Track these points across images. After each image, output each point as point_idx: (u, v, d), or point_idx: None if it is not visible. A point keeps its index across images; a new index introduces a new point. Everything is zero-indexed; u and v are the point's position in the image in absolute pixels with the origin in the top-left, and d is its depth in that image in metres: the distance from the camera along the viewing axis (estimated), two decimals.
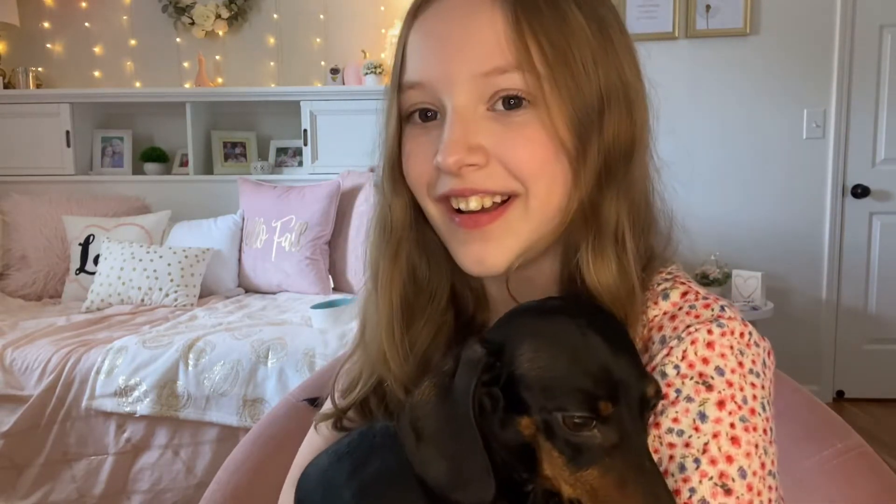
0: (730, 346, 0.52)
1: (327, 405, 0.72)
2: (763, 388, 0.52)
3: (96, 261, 2.80)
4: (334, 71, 3.27)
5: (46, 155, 3.22)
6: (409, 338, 0.63)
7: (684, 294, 0.56)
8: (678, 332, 0.53)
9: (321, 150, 3.17)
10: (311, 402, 0.99)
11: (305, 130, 3.15)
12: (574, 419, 0.45)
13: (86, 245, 2.88)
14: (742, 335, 0.53)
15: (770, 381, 0.54)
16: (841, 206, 3.11)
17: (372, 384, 0.66)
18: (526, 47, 0.53)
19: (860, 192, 3.07)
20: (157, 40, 3.40)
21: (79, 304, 2.68)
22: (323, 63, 3.35)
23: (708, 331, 0.52)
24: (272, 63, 3.39)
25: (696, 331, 0.52)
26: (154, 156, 3.32)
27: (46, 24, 3.40)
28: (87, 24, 3.40)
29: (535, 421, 0.47)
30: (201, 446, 1.97)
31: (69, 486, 1.98)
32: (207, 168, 3.36)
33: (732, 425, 0.49)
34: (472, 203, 0.57)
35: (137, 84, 3.43)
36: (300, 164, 3.31)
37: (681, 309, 0.55)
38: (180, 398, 1.95)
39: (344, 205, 2.90)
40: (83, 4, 3.39)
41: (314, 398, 0.99)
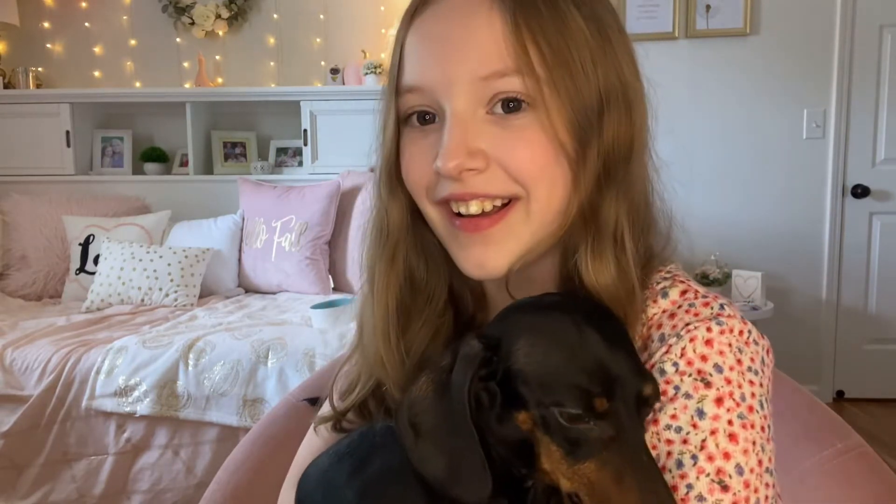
0: (728, 343, 0.52)
1: (326, 407, 0.72)
2: (761, 385, 0.52)
3: (96, 261, 2.80)
4: (334, 71, 3.27)
5: (46, 155, 3.22)
6: (407, 340, 0.63)
7: (683, 292, 0.56)
8: (677, 329, 0.53)
9: (321, 150, 3.17)
10: (311, 402, 0.99)
11: (305, 130, 3.15)
12: (570, 414, 0.46)
13: (86, 245, 2.88)
14: (741, 333, 0.53)
15: (768, 379, 0.54)
16: (841, 206, 3.11)
17: (370, 387, 0.66)
18: (525, 50, 0.53)
19: (860, 192, 3.07)
20: (157, 40, 3.40)
21: (79, 304, 2.68)
22: (323, 63, 3.35)
23: (707, 329, 0.52)
24: (272, 63, 3.39)
25: (695, 328, 0.52)
26: (154, 156, 3.32)
27: (46, 24, 3.40)
28: (87, 24, 3.40)
29: (532, 416, 0.47)
30: (201, 446, 1.97)
31: (69, 486, 1.98)
32: (207, 168, 3.36)
33: (730, 422, 0.49)
34: (472, 207, 0.56)
35: (137, 84, 3.43)
36: (300, 164, 3.31)
37: (680, 307, 0.55)
38: (180, 398, 1.95)
39: (344, 205, 2.90)
40: (83, 4, 3.39)
41: (314, 398, 0.99)
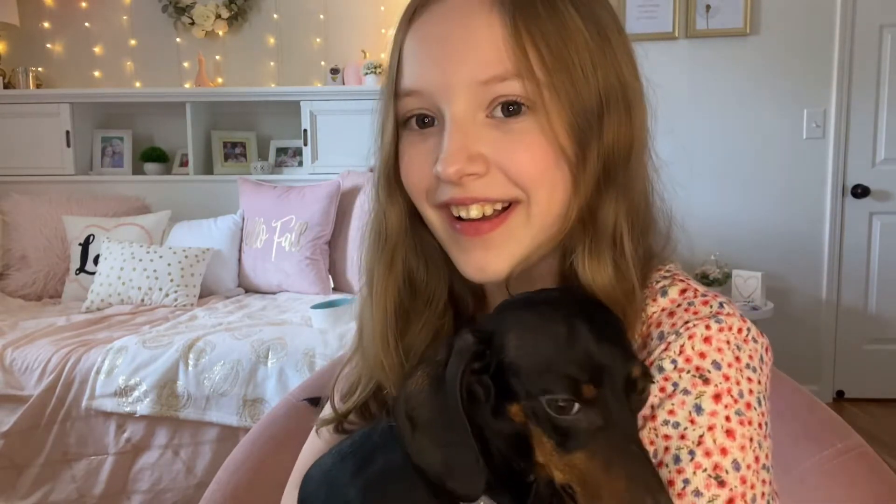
0: (727, 340, 0.52)
1: (327, 410, 0.72)
2: (759, 383, 0.52)
3: (96, 261, 2.80)
4: (334, 71, 3.27)
5: (46, 155, 3.22)
6: (406, 342, 0.63)
7: (683, 291, 0.56)
8: (676, 327, 0.53)
9: (321, 150, 3.17)
10: (311, 402, 0.99)
11: (305, 130, 3.15)
12: (558, 402, 0.46)
13: (86, 245, 2.88)
14: (740, 331, 0.53)
15: (767, 377, 0.54)
16: (841, 206, 3.11)
17: (371, 389, 0.66)
18: (525, 54, 0.52)
19: (860, 192, 3.07)
20: (157, 40, 3.40)
21: (79, 304, 2.68)
22: (323, 63, 3.35)
23: (706, 326, 0.52)
24: (272, 63, 3.39)
25: (694, 326, 0.52)
26: (154, 156, 3.32)
27: (46, 24, 3.40)
28: (87, 24, 3.40)
29: (523, 407, 0.48)
30: (201, 446, 1.97)
31: (69, 486, 1.98)
32: (207, 168, 3.36)
33: (728, 418, 0.49)
34: (472, 211, 0.56)
35: (137, 84, 3.43)
36: (300, 164, 3.31)
37: (679, 306, 0.55)
38: (180, 398, 1.95)
39: (344, 205, 2.90)
40: (83, 4, 3.39)
41: (315, 398, 0.99)
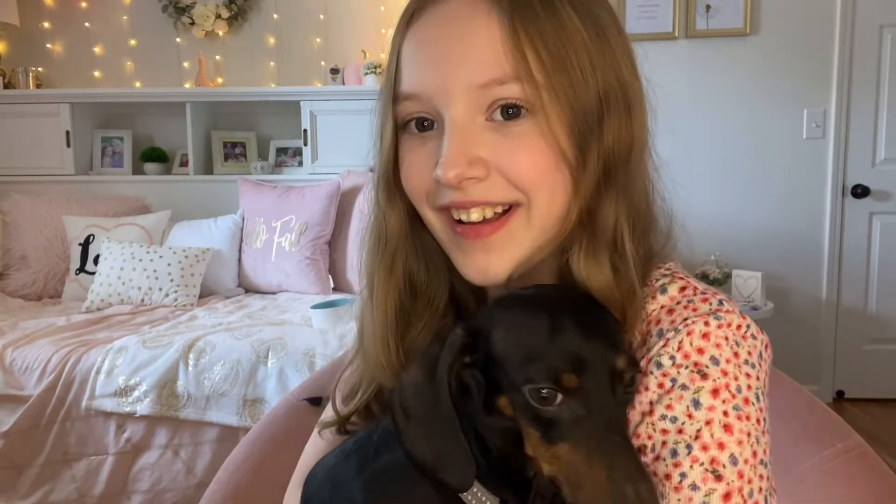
0: (725, 337, 0.52)
1: (328, 412, 0.72)
2: (758, 379, 0.52)
3: (96, 261, 2.80)
4: (334, 71, 3.27)
5: (46, 155, 3.22)
6: (408, 344, 0.63)
7: (682, 289, 0.56)
8: (675, 324, 0.53)
9: (321, 150, 3.17)
10: (311, 402, 0.99)
11: (305, 130, 3.15)
12: (540, 393, 0.46)
13: (86, 245, 2.88)
14: (739, 327, 0.53)
15: (765, 374, 0.54)
16: (841, 206, 3.11)
17: (372, 391, 0.67)
18: (524, 56, 0.52)
19: (860, 192, 3.07)
20: (157, 40, 3.40)
21: (79, 304, 2.68)
22: (323, 63, 3.35)
23: (705, 323, 0.52)
24: (272, 63, 3.39)
25: (692, 323, 0.52)
26: (154, 156, 3.32)
27: (46, 24, 3.40)
28: (87, 24, 3.40)
29: (510, 399, 0.48)
30: (201, 446, 1.97)
31: (69, 486, 1.98)
32: (207, 168, 3.36)
33: (725, 413, 0.49)
34: (473, 215, 0.56)
35: (137, 84, 3.43)
36: (300, 164, 3.31)
37: (678, 303, 0.55)
38: (180, 398, 1.95)
39: (344, 205, 2.90)
40: (83, 4, 3.39)
41: (316, 398, 0.99)
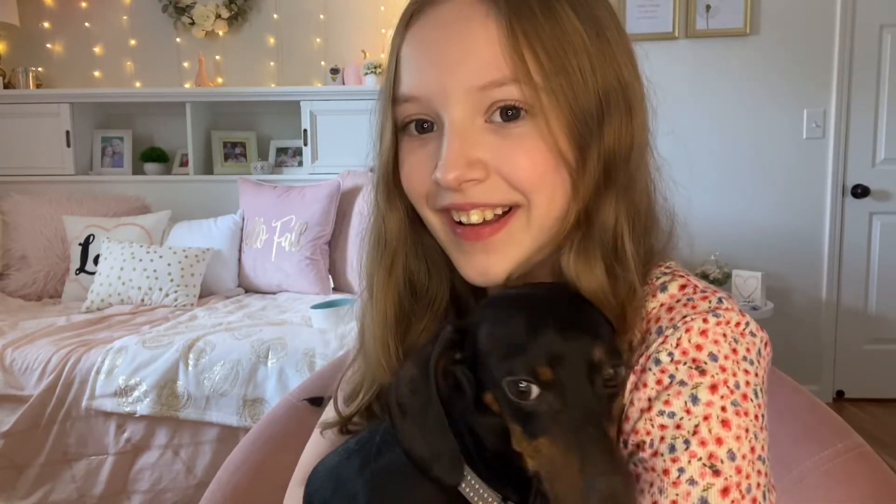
0: (723, 333, 0.52)
1: (329, 412, 0.72)
2: (756, 375, 0.52)
3: (96, 261, 2.80)
4: (334, 71, 3.27)
5: (46, 155, 3.22)
6: (407, 344, 0.63)
7: (683, 287, 0.56)
8: (674, 322, 0.53)
9: (321, 150, 3.17)
10: (312, 402, 0.99)
11: (305, 130, 3.15)
12: (518, 386, 0.47)
13: (86, 245, 2.88)
14: (738, 325, 0.53)
15: (764, 371, 0.54)
16: (841, 206, 3.11)
17: (374, 391, 0.67)
18: (522, 58, 0.52)
19: (860, 192, 3.07)
20: (157, 40, 3.40)
21: (79, 304, 2.69)
22: (323, 63, 3.35)
23: (703, 320, 0.52)
24: (272, 63, 3.39)
25: (691, 320, 0.52)
26: (154, 156, 3.32)
27: (46, 24, 3.40)
28: (87, 24, 3.40)
29: (494, 394, 0.49)
30: (201, 446, 1.97)
31: (69, 486, 1.98)
32: (207, 168, 3.36)
33: (724, 409, 0.49)
34: (473, 217, 0.57)
35: (137, 84, 3.43)
36: (300, 164, 3.31)
37: (678, 301, 0.55)
38: (180, 398, 1.95)
39: (344, 205, 2.90)
40: (83, 4, 3.39)
41: (317, 398, 0.99)
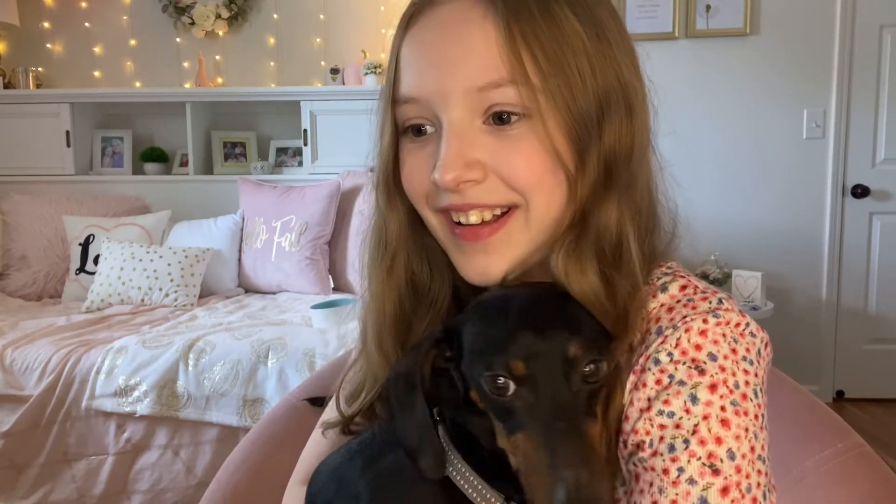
0: (723, 333, 0.52)
1: (331, 412, 0.72)
2: (756, 375, 0.52)
3: (96, 261, 2.80)
4: (334, 71, 3.27)
5: (46, 155, 3.22)
6: (410, 345, 0.63)
7: (683, 287, 0.56)
8: (674, 322, 0.53)
9: (321, 150, 3.17)
10: (313, 402, 0.99)
11: (305, 130, 3.15)
12: (496, 382, 0.48)
13: (86, 245, 2.88)
14: (737, 325, 0.53)
15: (764, 371, 0.54)
16: (841, 206, 3.11)
17: (376, 391, 0.67)
18: (520, 59, 0.53)
19: (860, 192, 3.07)
20: (157, 40, 3.40)
21: (79, 304, 2.68)
22: (323, 63, 3.35)
23: (703, 320, 0.52)
24: (272, 63, 3.39)
25: (691, 320, 0.52)
26: (154, 156, 3.32)
27: (46, 24, 3.40)
28: (87, 24, 3.40)
29: (478, 392, 0.50)
30: (201, 446, 1.97)
31: (69, 486, 1.98)
32: (207, 168, 3.36)
33: (723, 408, 0.49)
34: (472, 217, 0.57)
35: (137, 84, 3.43)
36: (300, 164, 3.31)
37: (678, 301, 0.55)
38: (180, 398, 1.95)
39: (344, 205, 2.90)
40: (83, 4, 3.39)
41: (317, 398, 0.98)
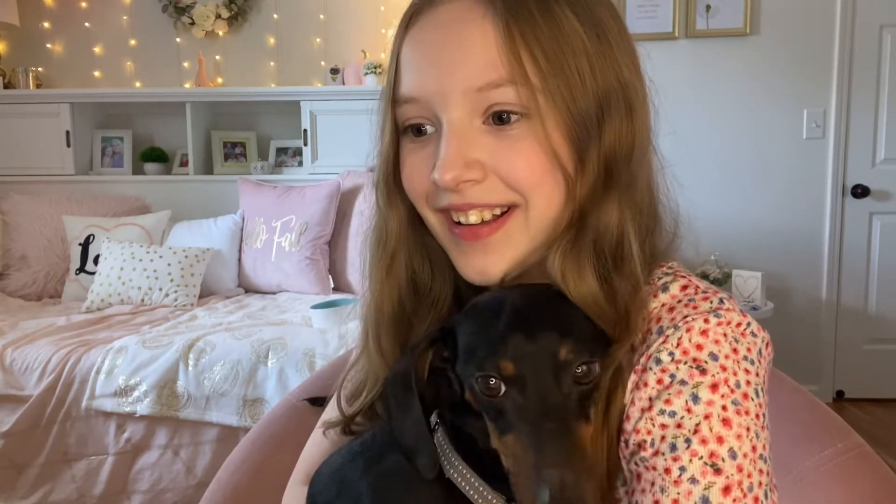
0: (724, 333, 0.52)
1: (331, 412, 0.72)
2: (757, 375, 0.52)
3: (96, 261, 2.80)
4: (334, 71, 3.27)
5: (46, 155, 3.22)
6: (411, 344, 0.63)
7: (684, 287, 0.56)
8: (675, 322, 0.53)
9: (321, 150, 3.17)
10: (313, 402, 0.99)
11: (305, 130, 3.15)
12: (488, 382, 0.49)
13: (86, 245, 2.88)
14: (738, 325, 0.53)
15: (765, 371, 0.54)
16: (841, 206, 3.11)
17: (377, 391, 0.67)
18: (519, 60, 0.53)
19: (860, 192, 3.07)
20: (157, 40, 3.40)
21: (79, 304, 2.68)
22: (323, 63, 3.35)
23: (704, 320, 0.52)
24: (272, 63, 3.39)
25: (692, 320, 0.52)
26: (154, 156, 3.32)
27: (46, 24, 3.40)
28: (87, 24, 3.40)
29: (472, 393, 0.51)
30: (201, 446, 1.97)
31: (69, 486, 1.98)
32: (207, 168, 3.36)
33: (724, 408, 0.49)
34: (471, 217, 0.57)
35: (137, 84, 3.43)
36: (300, 164, 3.31)
37: (679, 301, 0.55)
38: (180, 398, 1.95)
39: (344, 205, 2.90)
40: (83, 4, 3.39)
41: (318, 398, 0.98)
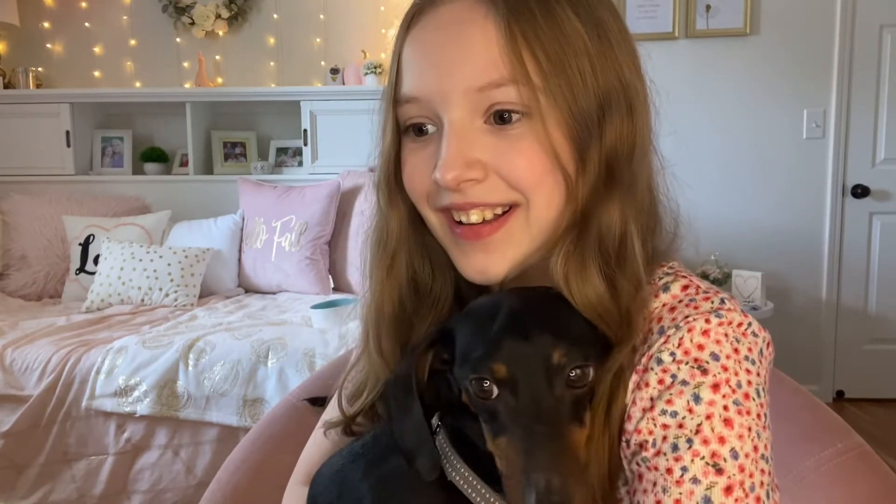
0: (725, 333, 0.52)
1: (332, 412, 0.72)
2: (758, 375, 0.52)
3: (96, 261, 2.80)
4: (334, 71, 3.27)
5: (46, 155, 3.22)
6: (412, 344, 0.63)
7: (685, 287, 0.56)
8: (676, 322, 0.53)
9: (321, 150, 3.17)
10: (313, 403, 0.99)
11: (305, 130, 3.15)
12: (482, 384, 0.49)
13: (86, 245, 2.88)
14: (740, 325, 0.53)
15: (766, 371, 0.54)
16: (841, 206, 3.11)
17: (378, 391, 0.67)
18: (521, 59, 0.53)
19: (860, 192, 3.07)
20: (157, 40, 3.40)
21: (79, 304, 2.68)
22: (323, 63, 3.35)
23: (706, 320, 0.52)
24: (272, 63, 3.39)
25: (693, 320, 0.52)
26: (154, 156, 3.32)
27: (46, 24, 3.40)
28: (87, 24, 3.40)
29: (468, 396, 0.51)
30: (201, 446, 1.97)
31: (69, 486, 1.98)
32: (207, 168, 3.36)
33: (726, 408, 0.49)
34: (472, 216, 0.57)
35: (137, 84, 3.43)
36: (300, 164, 3.31)
37: (681, 301, 0.55)
38: (180, 398, 1.95)
39: (344, 205, 2.90)
40: (83, 4, 3.39)
41: (318, 398, 0.98)
